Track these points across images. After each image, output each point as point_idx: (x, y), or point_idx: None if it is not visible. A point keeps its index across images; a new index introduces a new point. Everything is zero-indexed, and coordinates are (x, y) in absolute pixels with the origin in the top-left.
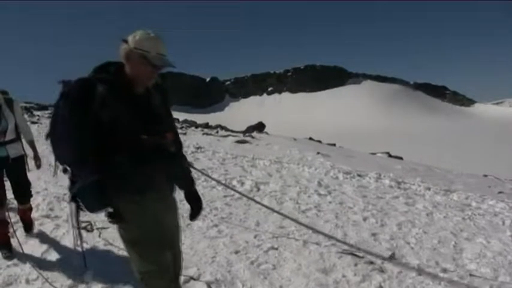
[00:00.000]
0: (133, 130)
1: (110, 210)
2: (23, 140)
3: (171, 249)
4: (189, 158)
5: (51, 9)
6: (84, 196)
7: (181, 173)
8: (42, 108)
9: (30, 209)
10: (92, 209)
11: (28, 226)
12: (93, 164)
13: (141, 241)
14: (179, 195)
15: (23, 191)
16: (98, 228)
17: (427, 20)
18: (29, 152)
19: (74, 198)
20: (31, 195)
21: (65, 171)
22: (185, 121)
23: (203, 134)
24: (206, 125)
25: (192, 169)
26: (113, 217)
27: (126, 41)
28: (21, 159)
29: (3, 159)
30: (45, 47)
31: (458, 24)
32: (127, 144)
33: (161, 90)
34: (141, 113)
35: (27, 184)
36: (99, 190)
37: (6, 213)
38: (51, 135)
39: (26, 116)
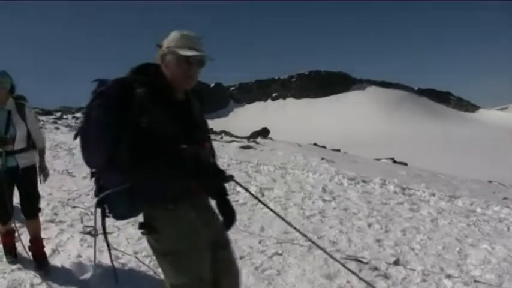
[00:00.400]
0: (173, 137)
1: (141, 219)
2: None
3: (213, 263)
4: None
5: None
6: (113, 203)
7: (217, 182)
8: (47, 113)
9: (39, 227)
10: (121, 217)
11: (40, 260)
12: (125, 169)
13: (174, 252)
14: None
15: (31, 204)
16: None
17: (431, 26)
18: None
19: (100, 204)
20: (39, 210)
21: (93, 175)
22: None
23: None
24: (210, 131)
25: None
26: (144, 227)
27: (160, 46)
28: (32, 170)
29: (13, 170)
30: (48, 49)
31: (462, 29)
32: (164, 152)
33: (199, 97)
34: (181, 120)
35: (36, 197)
36: (130, 197)
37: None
38: (81, 137)
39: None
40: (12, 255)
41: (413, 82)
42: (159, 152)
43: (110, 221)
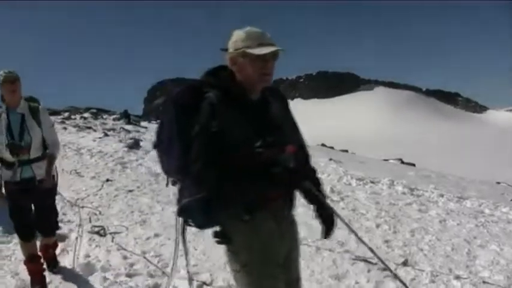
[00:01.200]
0: (247, 142)
1: (217, 229)
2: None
3: (285, 276)
4: None
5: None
6: (191, 212)
7: (308, 187)
8: (55, 113)
9: (55, 245)
10: (201, 226)
11: (50, 262)
12: (200, 177)
13: (251, 264)
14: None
15: (48, 221)
16: (111, 233)
17: (438, 26)
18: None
19: (181, 213)
20: (58, 228)
21: (174, 183)
22: None
23: None
24: None
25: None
26: (220, 237)
27: (226, 49)
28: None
29: (29, 181)
30: (56, 48)
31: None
32: (239, 158)
33: (280, 96)
34: (257, 122)
35: (54, 213)
36: (205, 207)
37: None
38: (157, 146)
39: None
40: (40, 286)
41: (421, 83)
42: (233, 157)
43: (117, 221)
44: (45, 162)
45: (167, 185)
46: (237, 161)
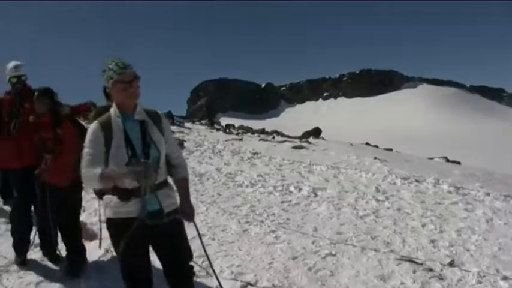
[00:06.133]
0: None
1: None
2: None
3: None
4: (246, 164)
5: None
6: None
7: None
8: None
9: None
10: None
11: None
12: None
13: None
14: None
15: (185, 274)
16: None
17: (481, 20)
18: None
19: None
20: (193, 273)
21: None
22: (241, 127)
23: (259, 139)
24: (262, 131)
25: None
26: None
27: None
28: (177, 213)
29: (154, 216)
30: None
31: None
32: None
33: None
34: None
35: (190, 255)
36: None
37: None
38: None
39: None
40: None
41: (465, 79)
42: None
43: None
44: (171, 188)
45: None
46: None
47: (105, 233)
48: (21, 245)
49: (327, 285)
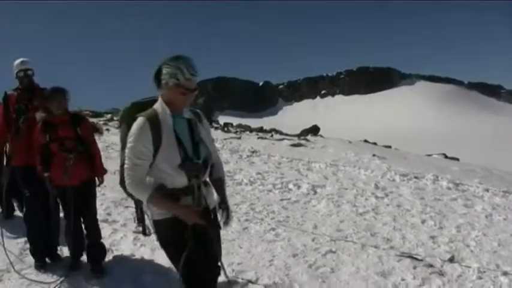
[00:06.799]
0: None
1: None
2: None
3: None
4: (244, 162)
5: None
6: None
7: None
8: (97, 115)
9: None
10: None
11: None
12: None
13: None
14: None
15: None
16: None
17: (478, 18)
18: None
19: None
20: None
21: None
22: (239, 125)
23: (258, 138)
24: (260, 129)
25: None
26: None
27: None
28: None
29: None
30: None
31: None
32: None
33: None
34: None
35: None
36: None
37: None
38: None
39: None
40: None
41: (462, 76)
42: None
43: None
44: (211, 186)
45: None
46: None
47: (104, 233)
48: (43, 247)
49: (328, 282)
